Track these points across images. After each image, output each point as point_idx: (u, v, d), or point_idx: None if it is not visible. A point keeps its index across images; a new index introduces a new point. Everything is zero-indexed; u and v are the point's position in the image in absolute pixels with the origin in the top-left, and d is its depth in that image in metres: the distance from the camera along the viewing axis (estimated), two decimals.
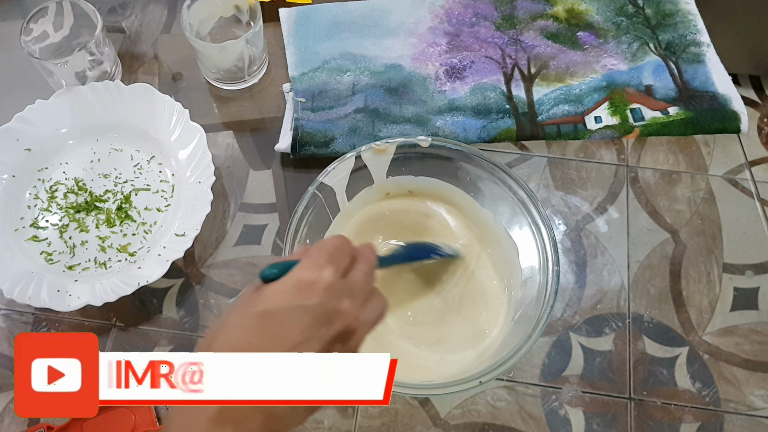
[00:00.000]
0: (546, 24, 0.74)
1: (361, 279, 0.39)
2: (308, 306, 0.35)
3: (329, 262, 0.37)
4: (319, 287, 0.35)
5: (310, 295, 0.35)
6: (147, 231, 0.61)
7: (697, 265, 0.62)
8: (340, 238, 0.40)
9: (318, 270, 0.36)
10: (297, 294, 0.35)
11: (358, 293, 0.38)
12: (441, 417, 0.55)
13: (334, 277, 0.36)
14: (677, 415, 0.55)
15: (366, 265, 0.40)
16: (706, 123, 0.67)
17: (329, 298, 0.35)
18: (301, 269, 0.36)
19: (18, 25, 0.64)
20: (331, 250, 0.38)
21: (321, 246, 0.38)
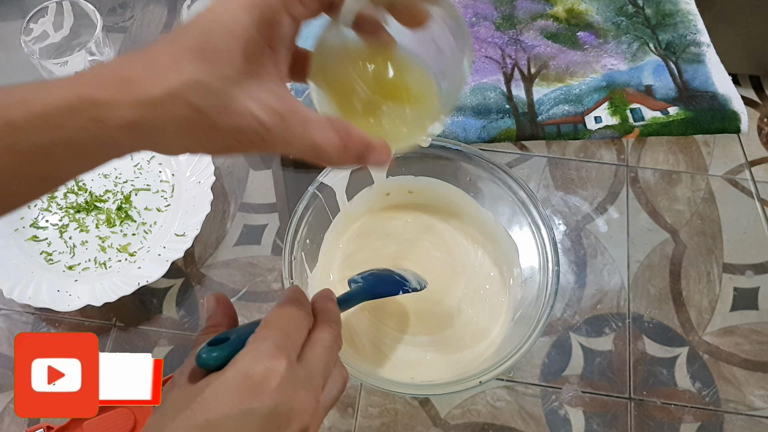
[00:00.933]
0: (546, 24, 0.74)
1: (321, 359, 0.33)
2: (259, 411, 0.29)
3: (283, 347, 0.31)
4: (271, 385, 0.29)
5: (260, 396, 0.29)
6: (147, 231, 0.61)
7: (697, 265, 0.62)
8: (296, 306, 0.34)
9: (269, 360, 0.30)
10: (245, 396, 0.29)
11: (317, 378, 0.32)
12: (441, 417, 0.54)
13: (288, 368, 0.30)
14: (677, 415, 0.55)
15: (327, 334, 0.34)
16: (706, 123, 0.67)
17: (283, 397, 0.30)
18: (249, 359, 0.30)
19: (18, 25, 0.63)
20: (286, 327, 0.32)
21: (275, 322, 0.32)
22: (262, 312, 0.59)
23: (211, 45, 0.26)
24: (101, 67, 0.27)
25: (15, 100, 0.25)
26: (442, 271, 0.58)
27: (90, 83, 0.26)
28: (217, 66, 0.26)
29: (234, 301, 0.59)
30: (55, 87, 0.26)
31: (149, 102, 0.26)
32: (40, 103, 0.25)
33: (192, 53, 0.26)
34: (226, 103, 0.26)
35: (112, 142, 0.26)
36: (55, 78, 0.28)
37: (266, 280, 0.60)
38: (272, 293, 0.60)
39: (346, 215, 0.58)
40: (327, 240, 0.57)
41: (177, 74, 0.26)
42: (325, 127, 0.28)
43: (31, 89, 0.26)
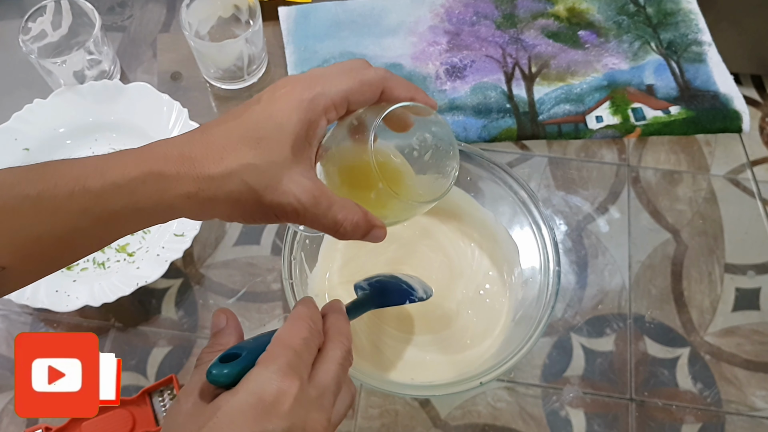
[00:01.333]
0: (547, 23, 0.74)
1: (332, 376, 0.34)
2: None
3: (295, 367, 0.32)
4: (284, 407, 0.30)
5: (273, 418, 0.30)
6: (146, 231, 0.61)
7: (699, 265, 0.61)
8: (307, 323, 0.35)
9: (281, 381, 0.31)
10: (258, 419, 0.30)
11: (328, 397, 0.33)
12: (441, 418, 0.54)
13: (299, 388, 0.31)
14: (678, 416, 0.54)
15: (338, 351, 0.35)
16: (707, 122, 0.66)
17: (296, 418, 0.31)
18: (261, 380, 0.31)
19: (16, 24, 0.63)
20: (297, 345, 0.33)
21: (284, 340, 0.33)
22: (262, 312, 0.59)
23: (266, 136, 0.33)
24: (166, 146, 0.33)
25: (92, 170, 0.31)
26: (442, 271, 0.57)
27: (158, 159, 0.32)
28: (269, 154, 0.32)
29: (233, 302, 0.59)
30: (127, 160, 0.32)
31: (208, 177, 0.32)
32: (115, 174, 0.31)
33: (249, 141, 0.32)
34: (274, 184, 0.32)
35: (171, 209, 0.32)
36: (126, 151, 0.33)
37: (266, 280, 0.60)
38: (272, 293, 0.60)
39: None
40: (327, 240, 0.57)
41: (235, 157, 0.32)
42: (347, 208, 0.35)
43: (107, 161, 0.32)
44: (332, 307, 0.38)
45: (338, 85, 0.34)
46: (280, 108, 0.33)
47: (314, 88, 0.34)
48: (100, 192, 0.31)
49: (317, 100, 0.33)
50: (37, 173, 0.31)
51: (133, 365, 0.57)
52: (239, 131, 0.33)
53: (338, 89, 0.34)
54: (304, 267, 0.54)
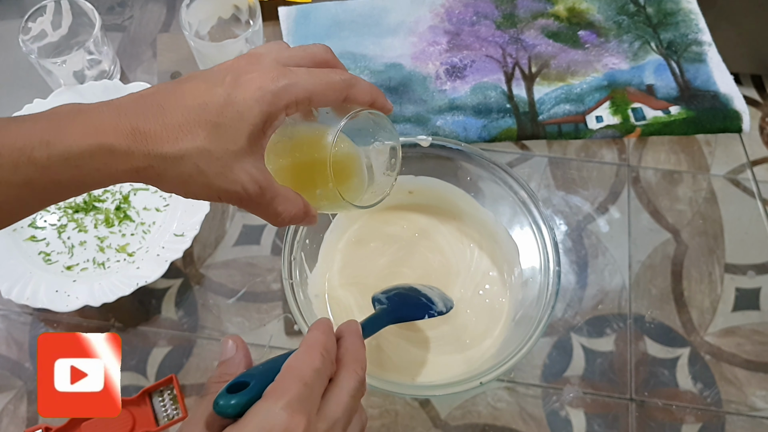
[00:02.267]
0: (547, 23, 0.74)
1: (344, 409, 0.32)
2: None
3: (305, 402, 0.30)
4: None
5: None
6: (146, 231, 0.61)
7: (699, 265, 0.61)
8: (320, 352, 0.32)
9: (290, 417, 0.29)
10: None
11: (338, 427, 0.32)
12: (441, 418, 0.54)
13: (308, 424, 0.29)
14: (679, 416, 0.54)
15: (352, 381, 0.33)
16: (707, 122, 0.66)
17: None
18: (270, 416, 0.29)
19: (16, 24, 0.63)
20: (308, 377, 0.31)
21: (297, 372, 0.31)
22: (262, 312, 0.59)
23: (224, 123, 0.33)
24: (117, 115, 0.32)
25: (38, 141, 0.30)
26: (441, 272, 0.57)
27: (108, 131, 0.31)
28: (225, 141, 0.33)
29: (233, 302, 0.59)
30: (75, 130, 0.31)
31: (161, 156, 0.32)
32: (62, 146, 0.30)
33: (207, 125, 0.32)
34: (225, 171, 0.33)
35: (116, 181, 0.32)
36: (73, 114, 0.32)
37: (266, 280, 0.60)
38: (272, 293, 0.60)
39: (346, 215, 0.58)
40: (327, 240, 0.57)
41: (191, 140, 0.32)
42: (288, 200, 0.36)
43: (53, 129, 0.31)
44: (348, 329, 0.36)
45: (304, 84, 0.34)
46: (243, 96, 0.33)
47: (279, 81, 0.34)
48: (46, 164, 0.30)
49: (281, 95, 0.33)
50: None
51: (133, 365, 0.57)
52: (198, 113, 0.32)
53: (304, 87, 0.34)
54: (304, 267, 0.54)
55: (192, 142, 0.32)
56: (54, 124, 0.31)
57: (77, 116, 0.32)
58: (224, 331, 0.58)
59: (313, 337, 0.33)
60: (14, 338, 0.58)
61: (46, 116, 0.32)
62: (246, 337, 0.57)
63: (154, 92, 0.34)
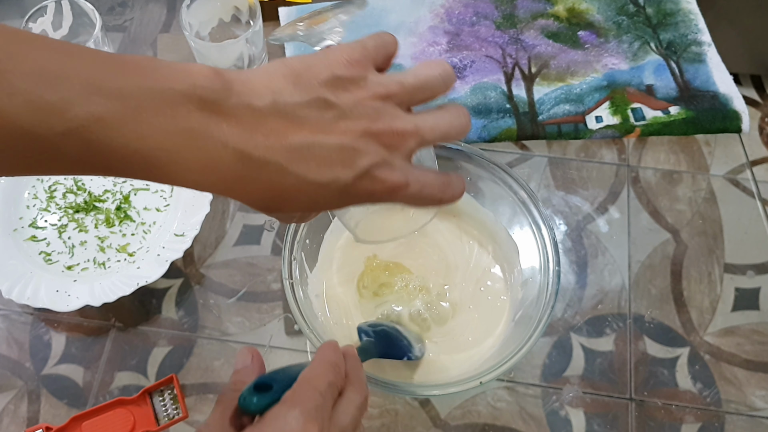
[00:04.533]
0: (547, 23, 0.74)
1: (350, 420, 0.35)
2: None
3: (319, 410, 0.33)
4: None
5: None
6: (146, 231, 0.61)
7: (698, 265, 0.61)
8: (330, 367, 0.35)
9: (306, 423, 0.31)
10: None
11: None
12: (441, 418, 0.54)
13: (320, 430, 0.32)
14: (678, 416, 0.54)
15: (358, 397, 0.36)
16: (707, 122, 0.66)
17: None
18: (288, 421, 0.32)
19: (17, 25, 0.63)
20: (322, 388, 0.34)
21: (313, 383, 0.34)
22: (262, 312, 0.59)
23: None
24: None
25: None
26: (441, 272, 0.57)
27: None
28: None
29: (233, 302, 0.59)
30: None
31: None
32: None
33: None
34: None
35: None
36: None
37: (266, 280, 0.60)
38: (272, 293, 0.60)
39: None
40: (327, 240, 0.57)
41: None
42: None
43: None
44: (349, 353, 0.39)
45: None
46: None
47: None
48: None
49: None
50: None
51: (134, 365, 0.57)
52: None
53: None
54: (304, 267, 0.54)
55: None
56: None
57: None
58: (224, 331, 0.58)
59: (326, 354, 0.36)
60: (15, 338, 0.58)
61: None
62: (246, 336, 0.58)
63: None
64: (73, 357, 0.57)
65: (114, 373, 0.56)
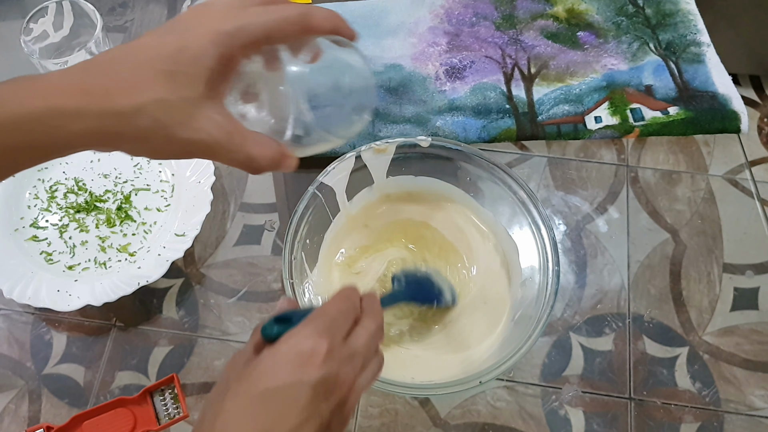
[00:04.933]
0: (546, 24, 0.74)
1: (363, 342, 0.37)
2: (308, 381, 0.33)
3: (330, 328, 0.35)
4: (318, 359, 0.34)
5: (309, 368, 0.34)
6: (147, 231, 0.61)
7: (698, 265, 0.61)
8: (345, 298, 0.38)
9: (317, 339, 0.35)
10: (296, 368, 0.34)
11: (358, 358, 0.37)
12: (441, 417, 0.54)
13: (332, 345, 0.35)
14: (677, 415, 0.55)
15: (372, 324, 0.38)
16: (706, 123, 0.67)
17: (328, 369, 0.34)
18: (300, 337, 0.35)
19: (18, 25, 0.63)
20: (334, 313, 0.37)
21: (324, 309, 0.37)
22: (263, 312, 0.59)
23: (181, 71, 0.31)
24: (66, 76, 0.31)
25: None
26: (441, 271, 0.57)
27: (56, 92, 0.30)
28: (183, 89, 0.31)
29: (234, 301, 0.59)
30: (24, 93, 0.30)
31: (115, 113, 0.30)
32: (11, 109, 0.29)
33: (162, 75, 0.31)
34: (186, 120, 0.31)
35: (69, 145, 0.31)
36: (21, 79, 0.31)
37: (266, 280, 0.60)
38: (272, 293, 0.60)
39: (346, 215, 0.58)
40: (327, 240, 0.57)
41: (146, 93, 0.30)
42: (260, 142, 0.34)
43: (2, 94, 0.29)
44: (368, 293, 0.41)
45: (258, 21, 0.32)
46: (197, 40, 0.31)
47: (234, 21, 0.32)
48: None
49: (237, 35, 0.32)
50: None
51: (134, 365, 0.57)
52: (151, 64, 0.31)
53: (259, 25, 0.32)
54: (305, 267, 0.54)
55: (147, 94, 0.30)
56: (5, 88, 0.30)
57: (25, 82, 0.30)
58: (225, 331, 0.58)
59: (342, 290, 0.40)
60: (16, 338, 0.58)
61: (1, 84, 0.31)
62: (246, 336, 0.58)
63: (105, 53, 0.32)
64: (74, 356, 0.57)
65: (115, 372, 0.57)
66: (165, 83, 0.31)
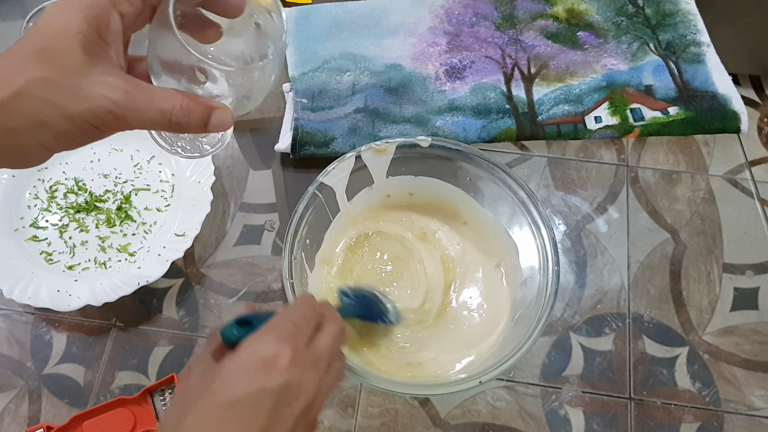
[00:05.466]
0: (546, 24, 0.74)
1: (327, 347, 0.37)
2: (271, 388, 0.33)
3: (292, 335, 0.35)
4: (281, 365, 0.33)
5: (272, 374, 0.33)
6: (147, 231, 0.61)
7: (697, 265, 0.62)
8: (306, 305, 0.38)
9: (280, 344, 0.34)
10: (259, 375, 0.33)
11: (322, 362, 0.36)
12: (441, 417, 0.55)
13: (295, 351, 0.34)
14: (677, 415, 0.55)
15: (334, 328, 0.39)
16: (706, 123, 0.67)
17: (291, 376, 0.34)
18: (262, 343, 0.34)
19: (18, 25, 0.63)
20: (296, 319, 0.36)
21: (286, 315, 0.37)
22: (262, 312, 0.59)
23: (51, 45, 0.30)
24: None
25: None
26: (440, 271, 0.58)
27: None
28: (58, 62, 0.30)
29: (234, 301, 0.59)
30: None
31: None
32: None
33: (33, 55, 0.30)
34: (74, 91, 0.30)
35: None
36: None
37: (266, 280, 0.60)
38: (272, 293, 0.60)
39: (346, 215, 0.58)
40: (327, 240, 0.57)
41: (21, 75, 0.29)
42: (170, 94, 0.32)
43: None
44: (324, 301, 0.42)
45: None
46: (60, 12, 0.30)
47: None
48: None
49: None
50: None
51: (135, 364, 0.57)
52: (20, 48, 0.30)
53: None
54: (305, 267, 0.54)
55: (23, 76, 0.29)
56: None
57: None
58: None
59: (301, 297, 0.40)
60: (16, 338, 0.58)
61: None
62: None
63: None
64: (74, 356, 0.57)
65: (115, 372, 0.57)
66: (39, 62, 0.29)
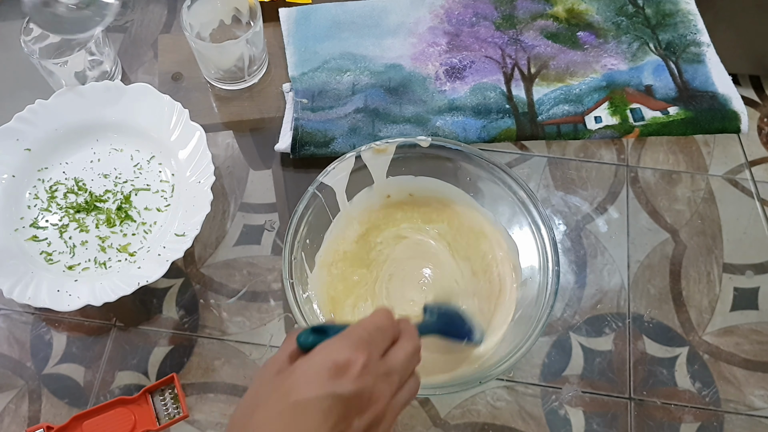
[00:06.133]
0: (546, 24, 0.74)
1: (401, 361, 0.37)
2: (341, 395, 0.33)
3: (367, 343, 0.35)
4: (353, 372, 0.33)
5: (343, 381, 0.33)
6: (147, 231, 0.61)
7: (697, 265, 0.62)
8: (383, 316, 0.38)
9: (354, 351, 0.34)
10: (330, 380, 0.33)
11: (395, 376, 0.36)
12: (441, 417, 0.55)
13: (368, 360, 0.34)
14: (677, 415, 0.55)
15: (410, 345, 0.38)
16: (706, 123, 0.67)
17: (363, 384, 0.33)
18: (337, 349, 0.34)
19: (18, 25, 0.64)
20: (371, 329, 0.36)
21: (363, 324, 0.37)
22: (262, 312, 0.59)
23: None
24: None
25: None
26: (440, 271, 0.58)
27: None
28: None
29: (234, 301, 0.59)
30: None
31: None
32: None
33: None
34: None
35: None
36: None
37: (266, 280, 0.60)
38: (272, 293, 0.60)
39: (346, 215, 0.58)
40: (327, 240, 0.57)
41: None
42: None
43: None
44: (404, 317, 0.41)
45: None
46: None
47: None
48: None
49: None
50: None
51: (134, 364, 0.57)
52: None
53: None
54: (305, 267, 0.54)
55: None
56: None
57: None
58: (225, 331, 0.58)
59: (379, 309, 0.39)
60: (16, 338, 0.58)
61: None
62: (246, 336, 0.58)
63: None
64: (74, 356, 0.57)
65: (115, 372, 0.57)
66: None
